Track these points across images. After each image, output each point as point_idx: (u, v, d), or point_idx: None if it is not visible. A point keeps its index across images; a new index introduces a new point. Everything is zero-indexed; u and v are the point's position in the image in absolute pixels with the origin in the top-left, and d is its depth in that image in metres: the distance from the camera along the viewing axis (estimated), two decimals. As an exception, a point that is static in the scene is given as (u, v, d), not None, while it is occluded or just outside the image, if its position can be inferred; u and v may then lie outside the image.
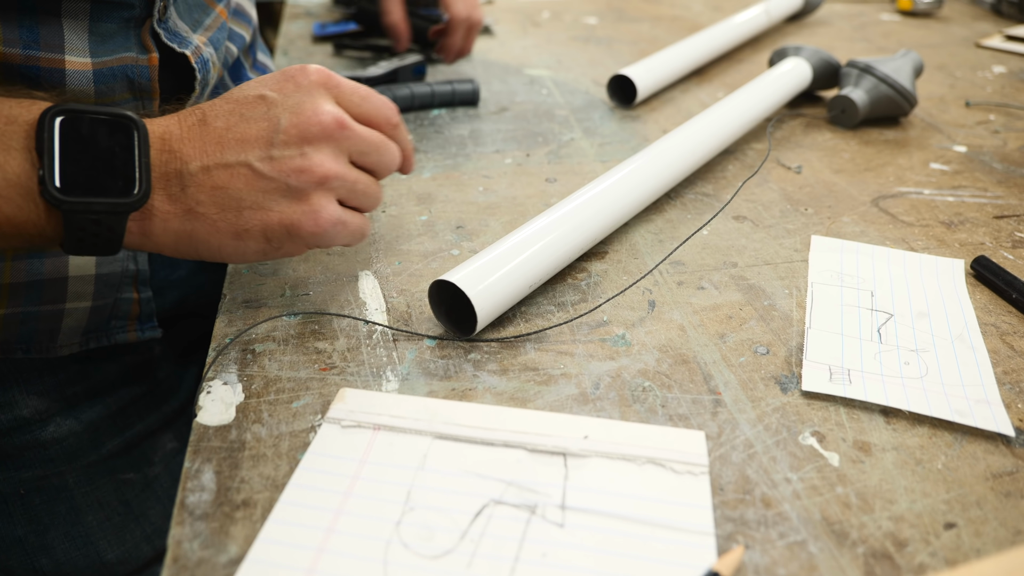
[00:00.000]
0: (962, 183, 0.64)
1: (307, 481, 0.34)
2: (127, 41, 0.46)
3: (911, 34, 1.04)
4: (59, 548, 0.52)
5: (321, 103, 0.40)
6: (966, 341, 0.45)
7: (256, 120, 0.39)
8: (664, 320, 0.46)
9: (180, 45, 0.48)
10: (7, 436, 0.49)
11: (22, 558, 0.51)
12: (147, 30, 0.46)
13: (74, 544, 0.52)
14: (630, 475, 0.35)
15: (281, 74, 0.41)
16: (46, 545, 0.51)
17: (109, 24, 0.45)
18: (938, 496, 0.35)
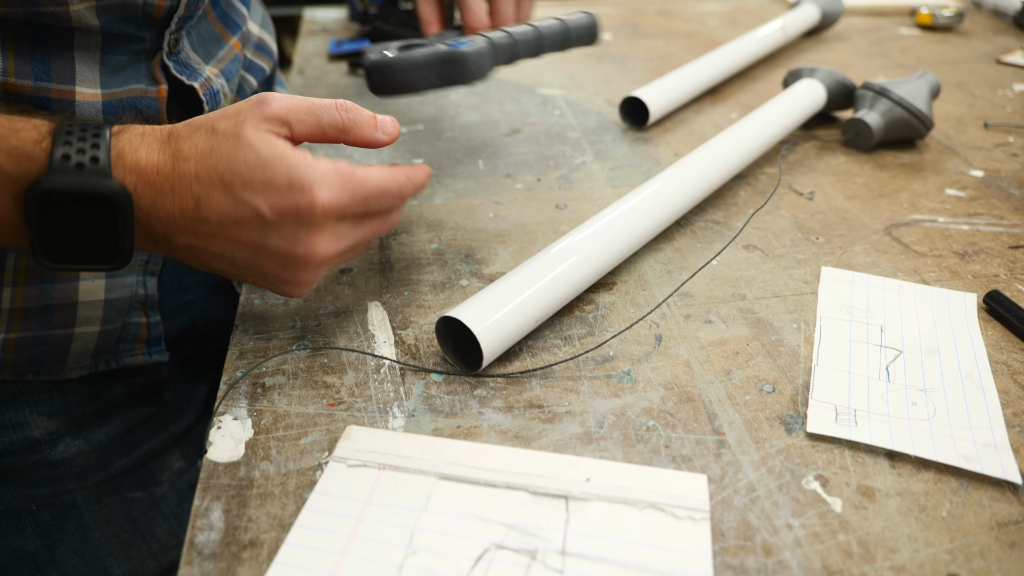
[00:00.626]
0: (978, 210, 0.63)
1: (312, 523, 0.34)
2: (137, 73, 0.47)
3: (930, 49, 1.03)
4: (68, 563, 0.53)
5: (317, 242, 0.40)
6: (976, 380, 0.45)
7: (248, 230, 0.39)
8: (670, 355, 0.46)
9: (189, 77, 0.49)
10: (18, 455, 0.50)
11: (32, 572, 0.52)
12: (157, 63, 0.48)
13: (82, 560, 0.54)
14: (631, 520, 0.35)
15: (288, 189, 0.38)
16: (55, 560, 0.53)
17: (120, 56, 0.46)
18: (941, 545, 0.35)
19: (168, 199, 0.38)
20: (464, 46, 0.51)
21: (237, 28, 0.57)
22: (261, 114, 0.39)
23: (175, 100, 0.50)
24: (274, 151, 0.38)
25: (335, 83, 0.87)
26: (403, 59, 0.50)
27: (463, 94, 0.84)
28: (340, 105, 0.42)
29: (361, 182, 0.40)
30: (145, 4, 0.45)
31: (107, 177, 0.37)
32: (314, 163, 0.39)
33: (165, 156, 0.38)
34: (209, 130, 0.39)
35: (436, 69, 0.50)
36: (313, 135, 0.41)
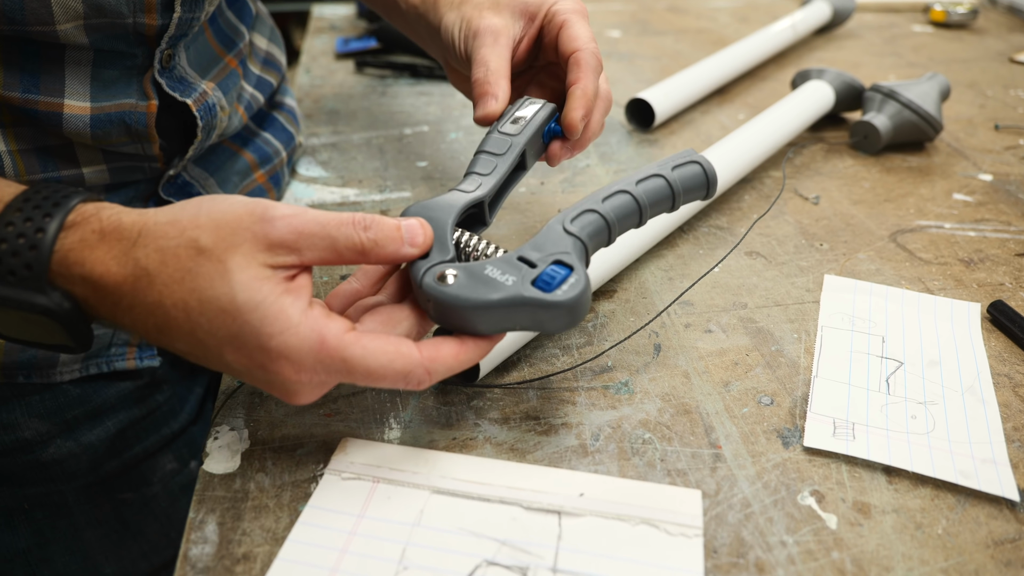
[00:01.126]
0: (985, 216, 0.62)
1: (305, 537, 0.34)
2: (128, 88, 0.47)
3: (943, 48, 1.02)
4: (59, 561, 0.54)
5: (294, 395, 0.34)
6: (977, 393, 0.44)
7: (217, 365, 0.34)
8: (669, 366, 0.46)
9: (183, 94, 0.49)
10: (9, 456, 0.51)
11: (25, 570, 0.53)
12: (148, 79, 0.47)
13: (74, 558, 0.54)
14: (623, 536, 0.35)
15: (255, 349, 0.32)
16: (47, 558, 0.54)
17: (112, 71, 0.46)
18: (936, 564, 0.35)
19: (127, 316, 0.34)
20: (560, 286, 0.36)
21: (234, 45, 0.56)
22: (264, 239, 0.33)
23: (169, 114, 0.50)
24: (252, 298, 0.32)
25: (341, 82, 0.87)
26: (473, 302, 0.35)
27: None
28: (359, 222, 0.35)
29: (347, 362, 0.33)
30: (135, 23, 0.44)
31: (40, 291, 0.33)
32: (295, 325, 0.32)
33: (125, 270, 0.33)
34: (192, 246, 0.33)
35: (521, 317, 0.36)
36: (328, 259, 0.34)
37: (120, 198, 0.51)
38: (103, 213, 0.35)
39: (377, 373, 0.34)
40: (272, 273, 0.33)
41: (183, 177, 0.54)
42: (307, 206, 0.62)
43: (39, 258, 0.33)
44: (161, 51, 0.47)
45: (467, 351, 0.36)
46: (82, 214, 0.34)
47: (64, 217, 0.34)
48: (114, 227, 0.34)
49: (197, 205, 0.35)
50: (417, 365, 0.34)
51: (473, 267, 0.37)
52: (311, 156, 0.70)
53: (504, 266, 0.37)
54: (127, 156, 0.49)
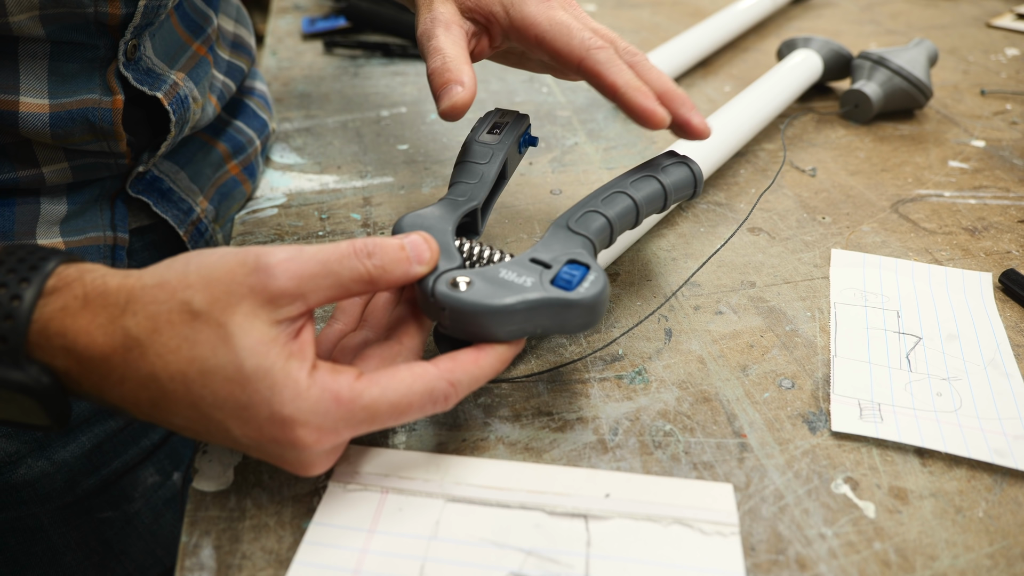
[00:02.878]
0: (983, 183, 0.61)
1: (313, 558, 0.31)
2: (91, 83, 0.43)
3: (920, 14, 1.01)
4: None
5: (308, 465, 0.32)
6: (999, 367, 0.43)
7: (221, 439, 0.31)
8: (682, 351, 0.44)
9: (152, 87, 0.45)
10: None
11: None
12: (112, 72, 0.43)
13: None
14: (656, 538, 0.33)
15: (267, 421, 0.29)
16: None
17: (72, 65, 0.42)
18: (981, 549, 0.33)
19: (117, 389, 0.30)
20: (580, 284, 0.35)
21: (202, 31, 0.52)
22: (264, 293, 0.30)
23: (136, 108, 0.46)
24: (261, 365, 0.29)
25: (311, 64, 0.83)
26: (494, 307, 0.33)
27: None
28: (360, 251, 0.32)
29: (369, 408, 0.31)
30: (97, 12, 0.40)
31: (16, 365, 0.29)
32: (304, 390, 0.30)
33: (113, 340, 0.29)
34: (185, 310, 0.30)
35: (543, 319, 0.34)
36: (335, 297, 0.32)
37: (84, 197, 0.46)
38: (86, 277, 0.31)
39: (402, 404, 0.31)
40: (277, 333, 0.30)
41: (152, 172, 0.50)
42: (284, 195, 0.59)
43: (16, 329, 0.29)
44: (126, 42, 0.43)
45: (486, 356, 0.34)
46: (63, 278, 0.31)
47: (43, 282, 0.30)
48: (99, 292, 0.30)
49: (184, 262, 0.31)
50: (437, 379, 0.32)
51: (486, 272, 0.35)
52: (285, 142, 0.66)
53: (518, 268, 0.35)
54: (91, 154, 0.45)
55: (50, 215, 0.45)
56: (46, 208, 0.45)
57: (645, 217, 0.43)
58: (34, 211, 0.44)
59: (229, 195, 0.56)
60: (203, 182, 0.53)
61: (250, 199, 0.59)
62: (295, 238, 0.53)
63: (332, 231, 0.54)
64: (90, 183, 0.47)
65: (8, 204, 0.44)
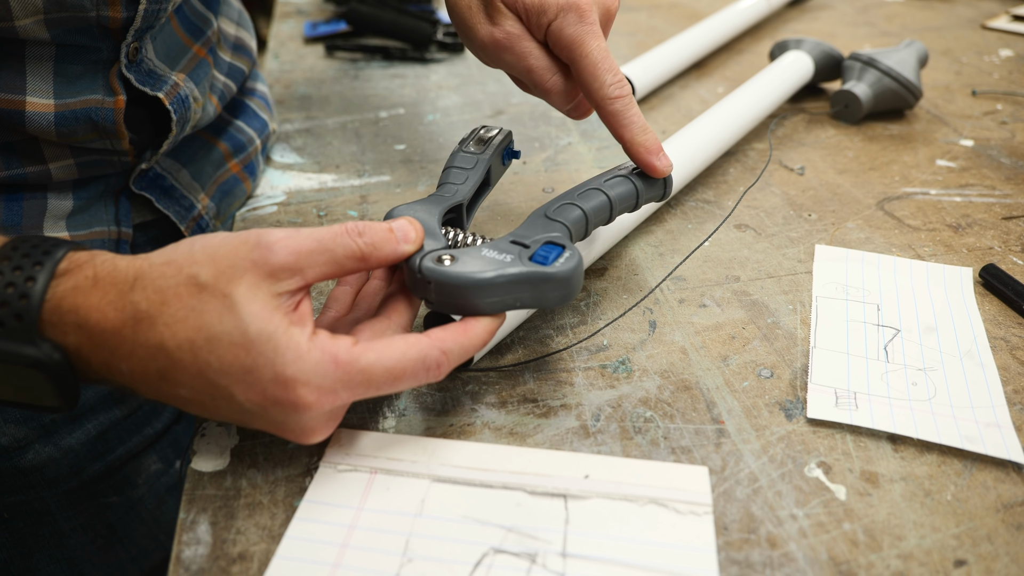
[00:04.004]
0: (969, 181, 0.62)
1: (303, 533, 0.33)
2: (94, 83, 0.44)
3: (915, 16, 1.02)
4: (43, 571, 0.52)
5: (308, 429, 0.33)
6: (975, 358, 0.44)
7: (224, 408, 0.33)
8: (665, 342, 0.45)
9: (153, 87, 0.47)
10: None
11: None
12: (115, 73, 0.45)
13: (59, 567, 0.52)
14: (632, 517, 0.34)
15: (271, 382, 0.31)
16: (31, 568, 0.52)
17: (76, 66, 0.43)
18: (948, 531, 0.34)
19: (126, 362, 0.32)
20: (556, 260, 0.37)
21: (201, 34, 0.54)
22: (265, 266, 0.32)
23: (138, 107, 0.47)
24: (264, 329, 0.31)
25: (312, 67, 0.85)
26: (476, 279, 0.36)
27: (444, 75, 0.82)
28: (352, 230, 0.34)
29: (365, 371, 0.32)
30: (99, 16, 0.42)
31: (30, 342, 0.31)
32: (305, 352, 0.31)
33: (123, 315, 0.31)
34: (191, 283, 0.31)
35: (522, 292, 0.37)
36: (330, 273, 0.34)
37: (89, 193, 0.48)
38: (96, 259, 0.33)
39: (396, 368, 0.33)
40: (279, 303, 0.32)
41: (155, 170, 0.51)
42: (284, 193, 0.60)
43: (29, 308, 0.31)
44: (127, 44, 0.45)
45: (473, 327, 0.36)
46: (74, 261, 0.33)
47: (55, 265, 0.32)
48: (108, 272, 0.32)
49: (190, 243, 0.33)
50: (430, 347, 0.34)
51: (469, 250, 0.38)
52: (285, 142, 0.68)
53: (499, 247, 0.38)
54: (96, 151, 0.47)
55: (56, 210, 0.47)
56: (53, 203, 0.46)
57: (618, 214, 0.45)
58: (41, 206, 0.46)
59: (230, 193, 0.57)
60: (204, 180, 0.55)
61: (251, 197, 0.60)
62: (294, 234, 0.55)
63: (330, 227, 0.56)
64: (95, 179, 0.48)
65: (16, 199, 0.45)
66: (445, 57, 0.87)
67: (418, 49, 0.85)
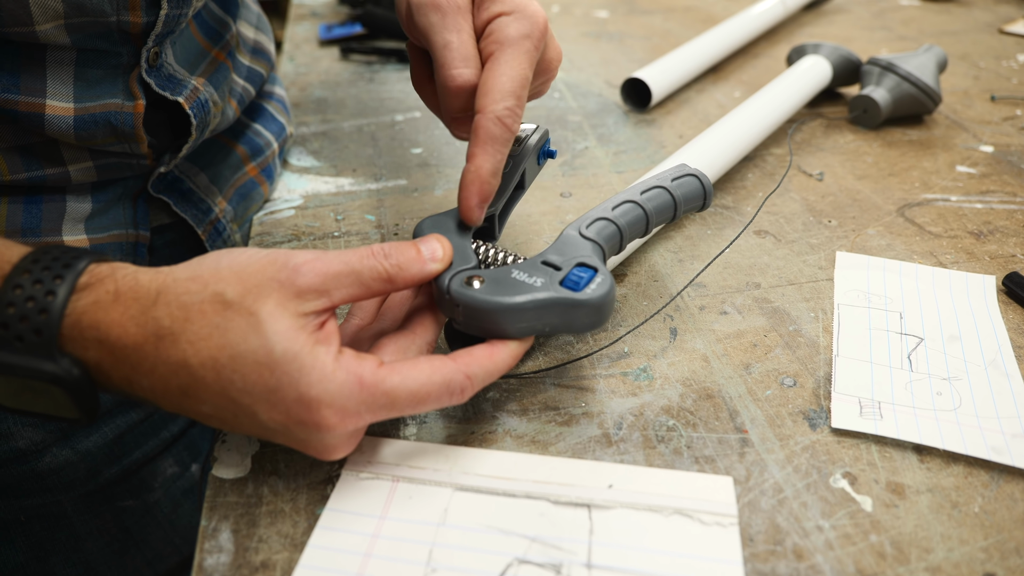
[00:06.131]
0: (990, 187, 0.62)
1: (326, 542, 0.33)
2: (114, 87, 0.44)
3: (932, 20, 1.01)
4: (60, 574, 0.52)
5: (330, 448, 0.33)
6: (1000, 367, 0.43)
7: (247, 426, 0.32)
8: (687, 350, 0.45)
9: (173, 92, 0.47)
10: (4, 467, 0.49)
11: None
12: (135, 77, 0.45)
13: (75, 570, 0.52)
14: (657, 528, 0.34)
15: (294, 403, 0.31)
16: (47, 571, 0.52)
17: (96, 71, 0.43)
18: (976, 543, 0.34)
19: (148, 378, 0.31)
20: (588, 285, 0.36)
21: (220, 38, 0.54)
22: (292, 287, 0.32)
23: (157, 111, 0.47)
24: (289, 349, 0.31)
25: (327, 69, 0.85)
26: (505, 305, 0.35)
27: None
28: (378, 252, 0.34)
29: (389, 394, 0.32)
30: (119, 21, 0.42)
31: (49, 357, 0.30)
32: (331, 372, 0.31)
33: (145, 331, 0.31)
34: (217, 300, 0.31)
35: (551, 318, 0.36)
36: (356, 295, 0.34)
37: (108, 196, 0.48)
38: (118, 273, 0.32)
39: (420, 392, 0.33)
40: (304, 323, 0.32)
41: (173, 173, 0.51)
42: (301, 197, 0.60)
43: (49, 322, 0.30)
44: (147, 49, 0.45)
45: (499, 352, 0.35)
46: (95, 275, 0.32)
47: (76, 279, 0.32)
48: (130, 287, 0.32)
49: (216, 259, 0.33)
50: (455, 371, 0.33)
51: (499, 272, 0.37)
52: (302, 146, 0.68)
53: (530, 270, 0.37)
54: (114, 154, 0.47)
55: (75, 212, 0.47)
56: (72, 206, 0.46)
57: (655, 227, 0.44)
58: (60, 208, 0.46)
59: (247, 196, 0.57)
60: (222, 183, 0.55)
61: (268, 200, 0.60)
62: (311, 238, 0.55)
63: (347, 231, 0.56)
64: (113, 182, 0.48)
65: (36, 201, 0.45)
66: (460, 60, 0.87)
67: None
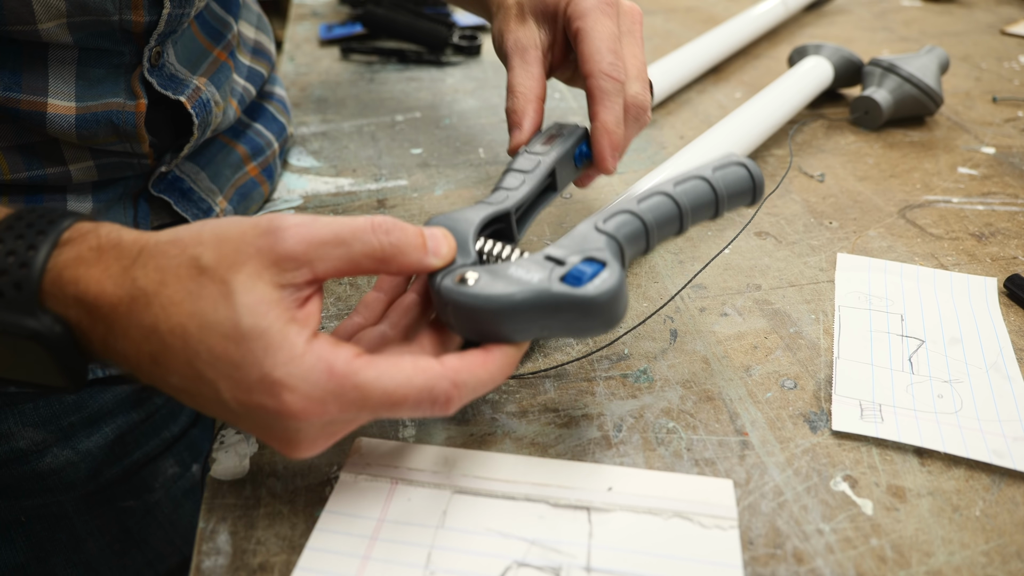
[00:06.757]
0: (992, 189, 0.61)
1: (324, 544, 0.33)
2: (116, 87, 0.44)
3: (933, 21, 1.01)
4: (60, 574, 0.52)
5: (296, 440, 0.31)
6: (1001, 370, 0.43)
7: (212, 406, 0.30)
8: (687, 352, 0.44)
9: (175, 92, 0.47)
10: (4, 467, 0.49)
11: None
12: (137, 77, 0.45)
13: (76, 571, 0.52)
14: (656, 531, 0.33)
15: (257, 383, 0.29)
16: (48, 572, 0.52)
17: (98, 70, 0.43)
18: (977, 547, 0.34)
19: (121, 342, 0.30)
20: (591, 281, 0.32)
21: (222, 38, 0.54)
22: (271, 254, 0.30)
23: (162, 112, 0.47)
24: (257, 324, 0.29)
25: (327, 70, 0.84)
26: (500, 299, 0.32)
27: (459, 78, 0.82)
28: (378, 226, 0.31)
29: (361, 388, 0.29)
30: (121, 21, 0.42)
31: (30, 313, 0.29)
32: (299, 355, 0.29)
33: (122, 290, 0.30)
34: (193, 265, 0.30)
35: (549, 319, 0.33)
36: (343, 270, 0.31)
37: (108, 195, 0.48)
38: (101, 230, 0.32)
39: (396, 394, 0.30)
40: (280, 296, 0.30)
41: (173, 172, 0.51)
42: (301, 197, 0.60)
43: (29, 277, 0.29)
44: (150, 49, 0.45)
45: (495, 359, 0.32)
46: (79, 231, 0.31)
47: (59, 235, 0.31)
48: (113, 244, 0.31)
49: (201, 224, 0.32)
50: (440, 377, 0.30)
51: (497, 268, 0.34)
52: (302, 146, 0.68)
53: (530, 265, 0.34)
54: (115, 154, 0.47)
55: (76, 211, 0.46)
56: (72, 204, 0.46)
57: (692, 224, 0.38)
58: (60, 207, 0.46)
59: (248, 196, 0.57)
60: (223, 183, 0.55)
61: (268, 200, 0.60)
62: (311, 238, 0.55)
63: (347, 232, 0.55)
64: (114, 181, 0.48)
65: (36, 200, 0.45)
66: (461, 60, 0.87)
67: (434, 52, 0.85)
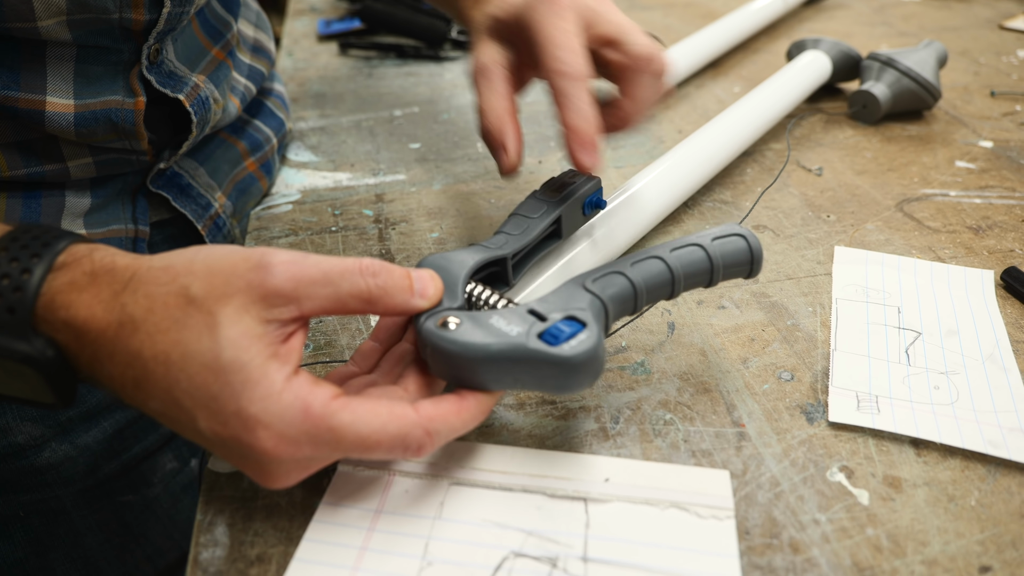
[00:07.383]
0: (989, 183, 0.62)
1: (322, 536, 0.33)
2: (114, 84, 0.44)
3: (933, 16, 1.01)
4: (59, 570, 0.52)
5: (270, 474, 0.31)
6: (997, 362, 0.43)
7: (190, 434, 0.31)
8: (684, 344, 0.45)
9: (174, 89, 0.47)
10: (3, 462, 0.49)
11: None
12: (135, 74, 0.45)
13: (74, 566, 0.52)
14: (653, 521, 0.34)
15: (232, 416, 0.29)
16: (47, 567, 0.52)
17: (97, 67, 0.43)
18: (972, 536, 0.34)
19: (107, 366, 0.30)
20: (567, 341, 0.32)
21: (221, 37, 0.54)
22: (259, 288, 0.30)
23: (161, 110, 0.47)
24: (238, 358, 0.29)
25: (326, 65, 0.84)
26: (475, 348, 0.32)
27: (458, 73, 0.82)
28: (365, 268, 0.32)
29: (336, 431, 0.30)
30: (121, 18, 0.42)
31: (23, 337, 0.30)
32: (276, 392, 0.29)
33: (111, 315, 0.30)
34: (181, 294, 0.30)
35: (521, 373, 0.33)
36: (329, 309, 0.32)
37: (107, 191, 0.48)
38: (96, 255, 0.32)
39: (370, 439, 0.30)
40: (265, 331, 0.30)
41: (172, 169, 0.51)
42: (299, 192, 0.60)
43: (23, 301, 0.30)
44: (148, 46, 0.45)
45: (468, 408, 0.33)
46: (73, 255, 0.31)
47: (54, 258, 0.31)
48: (107, 269, 0.31)
49: (194, 251, 0.32)
50: (414, 425, 0.31)
51: (479, 316, 0.34)
52: (300, 141, 0.68)
53: (512, 317, 0.34)
54: (114, 151, 0.47)
55: (74, 208, 0.47)
56: (71, 201, 0.46)
57: (685, 289, 0.39)
58: (59, 204, 0.46)
59: (246, 191, 0.57)
60: (221, 178, 0.55)
61: (266, 195, 0.60)
62: (308, 233, 0.55)
63: (345, 227, 0.56)
64: (113, 178, 0.48)
65: (35, 196, 0.45)
66: (459, 55, 0.87)
67: (432, 47, 0.85)
